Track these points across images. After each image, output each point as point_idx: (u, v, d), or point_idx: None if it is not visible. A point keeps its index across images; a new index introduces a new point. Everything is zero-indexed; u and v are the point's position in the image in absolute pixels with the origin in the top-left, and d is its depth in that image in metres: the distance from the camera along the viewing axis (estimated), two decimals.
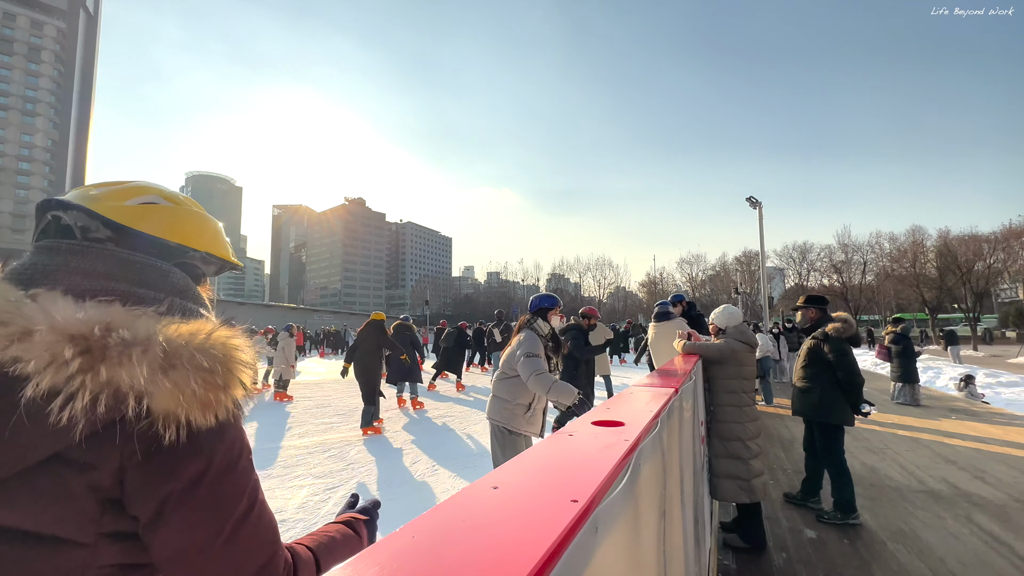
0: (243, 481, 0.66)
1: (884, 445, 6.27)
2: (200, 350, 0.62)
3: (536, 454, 0.77)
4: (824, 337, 3.98)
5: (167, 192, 0.81)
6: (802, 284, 62.09)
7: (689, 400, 2.01)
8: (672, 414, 1.40)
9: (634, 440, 0.85)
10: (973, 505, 4.18)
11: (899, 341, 10.03)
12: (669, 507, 1.19)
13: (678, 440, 1.55)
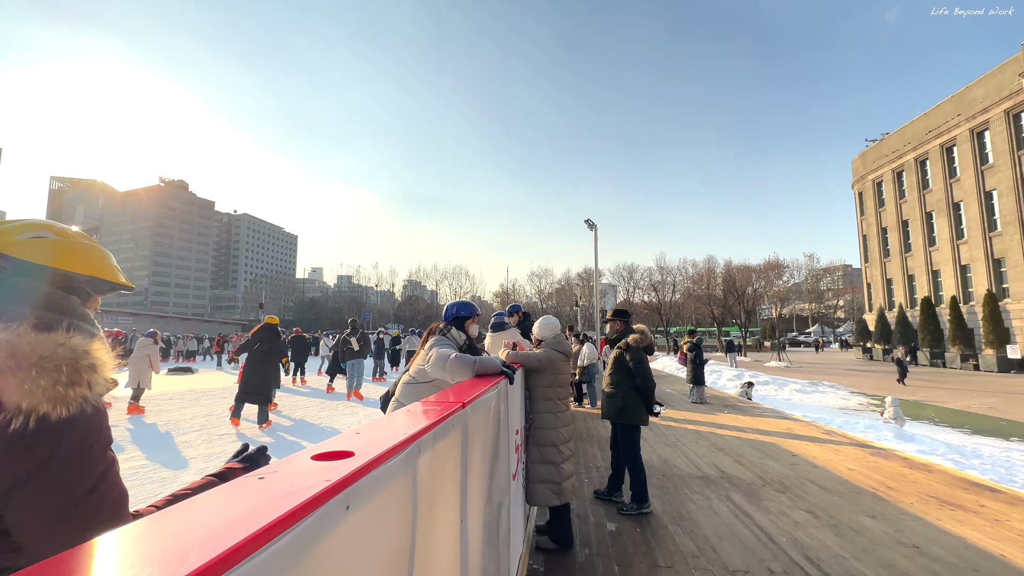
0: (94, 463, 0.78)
1: (676, 439, 7.37)
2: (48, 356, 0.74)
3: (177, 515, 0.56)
4: (626, 347, 4.47)
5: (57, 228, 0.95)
6: (629, 299, 71.61)
7: (486, 415, 1.97)
8: (448, 433, 1.31)
9: (347, 474, 0.70)
10: (731, 485, 5.09)
11: (693, 349, 12.06)
12: (425, 543, 1.07)
13: (460, 462, 1.46)
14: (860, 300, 59.94)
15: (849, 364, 33.79)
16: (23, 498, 0.70)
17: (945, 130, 31.43)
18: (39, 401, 0.70)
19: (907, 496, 4.69)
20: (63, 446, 0.73)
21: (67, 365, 0.74)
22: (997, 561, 3.36)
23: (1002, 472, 7.37)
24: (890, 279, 37.44)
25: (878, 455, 6.36)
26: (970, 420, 12.34)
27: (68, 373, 0.74)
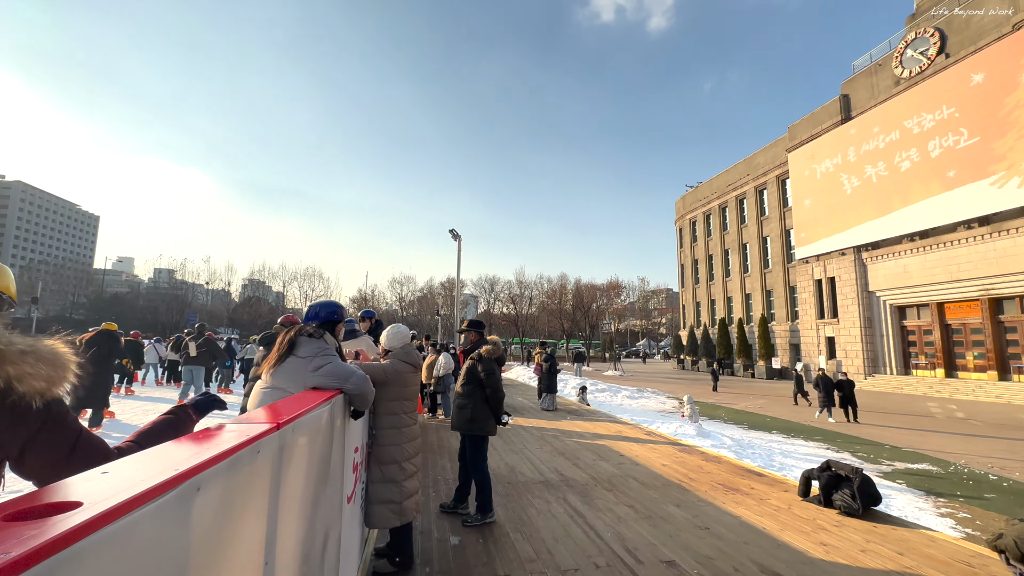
0: (73, 423, 1.16)
1: (523, 446, 7.70)
2: (46, 352, 1.10)
3: None
4: (479, 358, 4.52)
5: None
6: (489, 311, 73.92)
7: (314, 433, 1.76)
8: (252, 461, 1.10)
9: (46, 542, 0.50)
10: (569, 488, 5.48)
11: (549, 360, 12.85)
12: None
13: (269, 494, 1.25)
14: (678, 319, 71.03)
15: (668, 373, 39.70)
16: (36, 451, 1.09)
17: (739, 185, 39.43)
18: (47, 386, 1.09)
19: (703, 485, 5.59)
20: (53, 413, 1.12)
21: (57, 360, 1.12)
22: (760, 533, 4.17)
23: (766, 459, 9.31)
24: (699, 302, 45.21)
25: (684, 451, 7.50)
26: (748, 418, 15.36)
27: (59, 367, 1.11)
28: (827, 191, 29.15)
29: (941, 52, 23.30)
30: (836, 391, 14.94)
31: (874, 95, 26.89)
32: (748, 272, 38.41)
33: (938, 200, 22.77)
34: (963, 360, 23.20)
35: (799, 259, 31.63)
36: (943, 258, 22.99)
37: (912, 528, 4.34)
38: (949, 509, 6.90)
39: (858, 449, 10.89)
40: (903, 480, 8.36)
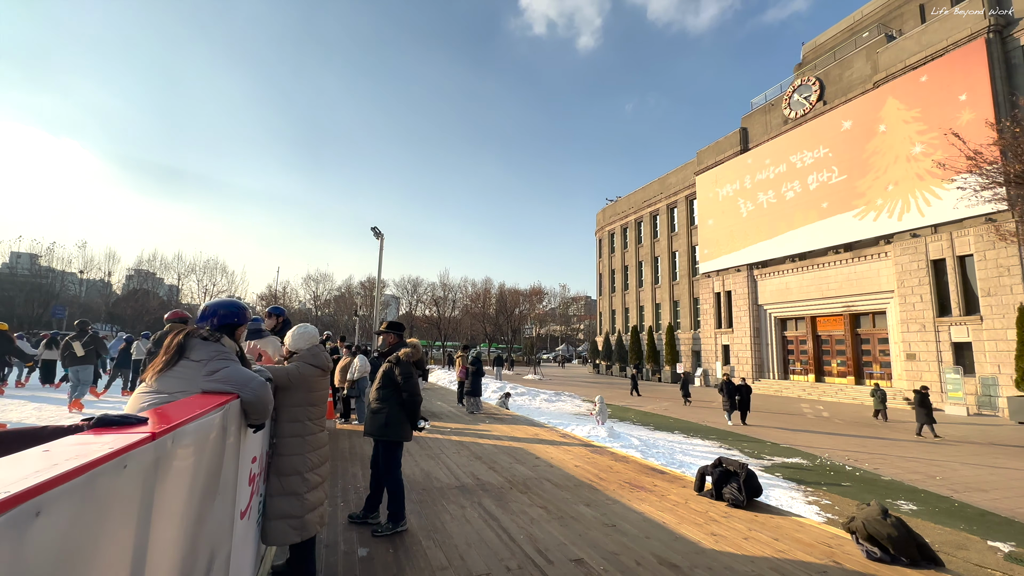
0: None
1: (440, 451, 7.58)
2: None
3: None
4: (396, 361, 4.38)
5: None
6: (411, 312, 72.22)
7: (201, 443, 1.58)
8: (116, 477, 0.95)
9: None
10: (484, 491, 5.47)
11: (475, 363, 12.79)
12: None
13: (139, 514, 1.09)
14: (595, 325, 74.45)
15: (584, 377, 41.36)
16: None
17: (654, 202, 42.39)
18: None
19: (612, 484, 5.88)
20: None
21: None
22: (660, 527, 4.47)
23: (668, 458, 10.02)
24: (614, 310, 47.77)
25: (596, 452, 7.85)
26: (654, 419, 16.43)
27: None
28: (727, 213, 32.28)
29: (820, 99, 26.88)
30: (737, 395, 15.78)
31: (767, 131, 30.32)
32: (659, 283, 41.29)
33: (814, 227, 26.16)
34: (829, 367, 26.78)
35: (702, 273, 34.63)
36: (816, 278, 26.42)
37: (786, 516, 4.90)
38: (815, 497, 7.88)
39: (745, 446, 12.09)
40: (780, 473, 9.42)
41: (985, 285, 19.17)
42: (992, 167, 10.97)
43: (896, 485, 8.60)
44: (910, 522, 6.47)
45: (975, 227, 19.32)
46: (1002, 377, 18.24)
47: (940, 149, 18.52)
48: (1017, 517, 6.82)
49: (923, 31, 22.16)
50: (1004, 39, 19.66)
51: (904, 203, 21.87)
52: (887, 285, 22.96)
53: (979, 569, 4.90)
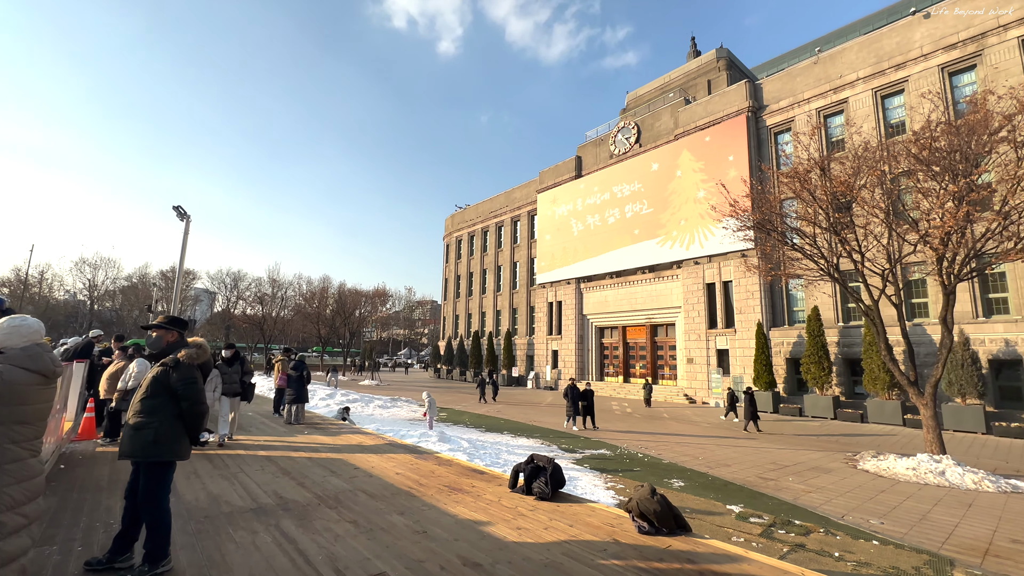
0: None
1: (240, 469, 6.58)
2: None
3: None
4: (175, 364, 3.64)
5: None
6: (230, 310, 62.58)
7: None
8: None
9: None
10: (286, 511, 4.89)
11: (298, 368, 11.45)
12: None
13: None
14: (439, 330, 74.67)
15: (425, 382, 40.96)
16: None
17: (500, 213, 44.55)
18: None
19: (430, 489, 5.82)
20: None
21: None
22: (471, 527, 4.55)
23: (494, 458, 10.43)
24: (458, 315, 48.59)
25: (421, 458, 7.72)
26: (486, 421, 17.03)
27: None
28: (562, 230, 35.64)
29: (637, 142, 31.64)
30: (581, 400, 15.71)
31: (597, 161, 34.47)
32: (500, 291, 43.37)
33: (628, 250, 30.53)
34: (634, 369, 31.40)
35: (538, 284, 37.50)
36: (628, 293, 30.83)
37: (583, 503, 5.47)
38: (613, 483, 9.03)
39: (563, 442, 13.31)
40: (588, 464, 10.58)
41: (739, 305, 24.74)
42: (744, 214, 14.26)
43: (673, 467, 10.36)
44: (678, 496, 7.83)
45: (734, 260, 24.85)
46: (746, 376, 23.66)
47: (714, 196, 23.34)
48: (746, 484, 8.80)
49: (708, 101, 27.82)
50: (757, 119, 25.86)
51: (691, 236, 26.99)
52: (677, 302, 27.96)
53: (719, 528, 6.14)
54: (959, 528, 6.65)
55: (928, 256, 11.58)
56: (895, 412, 18.07)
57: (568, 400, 15.62)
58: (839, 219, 12.62)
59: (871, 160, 12.24)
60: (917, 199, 11.85)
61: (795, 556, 5.21)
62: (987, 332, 17.77)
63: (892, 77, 21.45)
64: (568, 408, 15.62)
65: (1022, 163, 10.12)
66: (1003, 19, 18.74)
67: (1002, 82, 17.76)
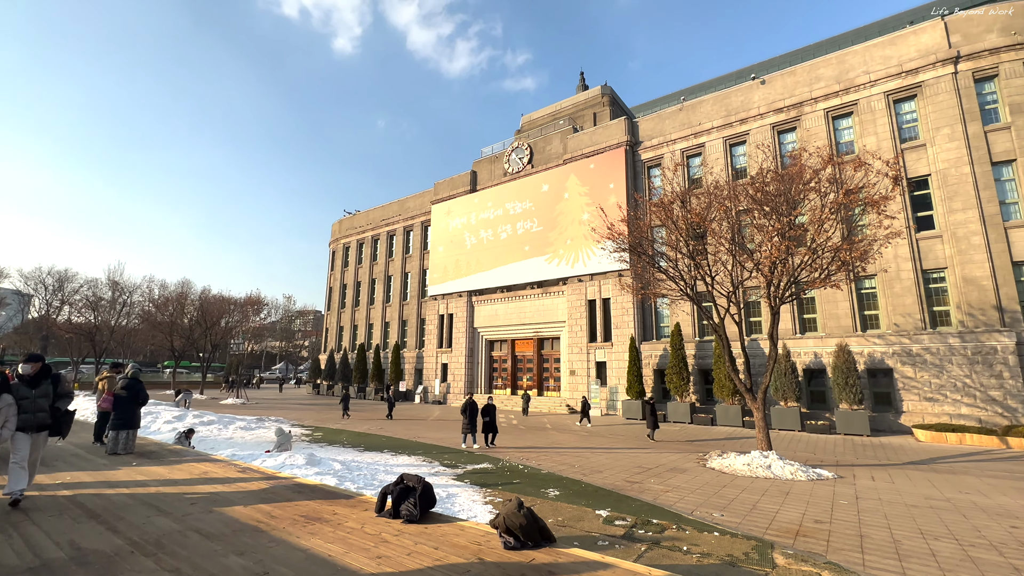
0: None
1: (25, 516, 5.22)
2: None
3: None
4: None
5: None
6: (49, 315, 51.52)
7: None
8: None
9: None
10: (80, 566, 3.95)
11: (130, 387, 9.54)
12: None
13: None
14: (320, 342, 69.37)
15: (302, 399, 37.54)
16: None
17: (392, 222, 43.13)
18: None
19: (284, 521, 5.18)
20: None
21: None
22: (324, 562, 4.10)
23: (368, 479, 9.76)
24: (342, 326, 45.62)
25: (280, 485, 6.90)
26: (366, 439, 16.01)
27: None
28: (456, 243, 35.59)
29: (530, 163, 33.03)
30: (482, 416, 14.84)
31: (491, 178, 35.22)
32: (390, 302, 41.76)
33: (519, 265, 31.48)
34: (521, 381, 32.20)
35: (430, 296, 36.85)
36: (517, 307, 31.69)
37: (453, 522, 5.29)
38: (491, 497, 8.98)
39: (446, 458, 13.00)
40: (469, 479, 10.42)
41: (615, 320, 26.80)
42: (620, 238, 15.57)
43: (551, 476, 10.65)
44: (552, 505, 8.02)
45: (612, 279, 26.95)
46: (621, 387, 25.59)
47: (596, 219, 25.20)
48: (615, 489, 9.35)
49: (594, 131, 30.14)
50: (634, 152, 28.63)
51: (576, 255, 28.71)
52: (562, 316, 29.42)
53: (587, 534, 6.38)
54: (779, 514, 7.75)
55: (760, 281, 13.67)
56: (737, 415, 20.87)
57: (465, 416, 14.60)
58: (695, 246, 14.35)
59: (720, 197, 14.18)
60: (753, 233, 13.96)
61: (651, 554, 5.59)
62: (802, 346, 21.48)
63: (737, 129, 25.29)
64: (464, 424, 14.58)
65: (825, 209, 12.49)
66: (815, 94, 23.25)
67: (813, 143, 21.93)
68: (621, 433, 18.84)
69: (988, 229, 18.66)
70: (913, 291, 19.70)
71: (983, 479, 11.03)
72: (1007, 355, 17.42)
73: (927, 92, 20.64)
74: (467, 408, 14.64)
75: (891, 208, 16.93)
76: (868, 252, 12.29)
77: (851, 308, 20.90)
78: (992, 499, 9.11)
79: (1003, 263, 18.32)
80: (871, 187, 12.81)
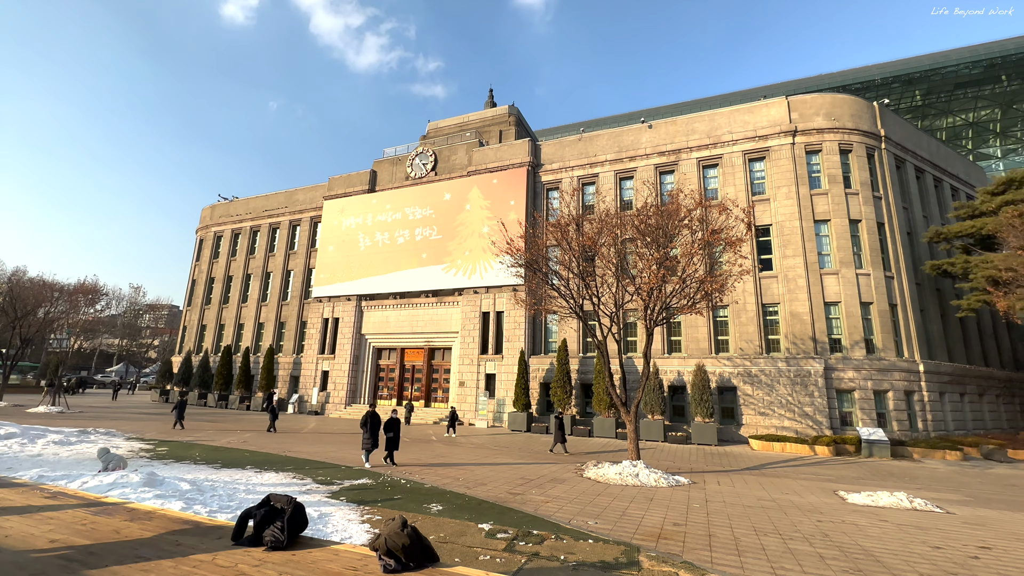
0: None
1: None
2: None
3: None
4: None
5: None
6: None
7: None
8: None
9: None
10: None
11: None
12: None
13: None
14: (174, 342, 60.09)
15: (144, 407, 31.98)
16: None
17: (277, 214, 39.39)
18: None
19: (107, 559, 4.29)
20: None
21: None
22: None
23: (225, 501, 8.58)
24: (205, 325, 40.15)
25: (104, 512, 5.73)
26: (225, 455, 14.13)
27: None
28: (348, 243, 33.62)
29: (433, 170, 32.68)
30: (385, 431, 13.47)
31: (392, 180, 34.11)
32: (266, 301, 37.88)
33: (415, 272, 30.73)
34: (408, 391, 31.21)
35: (314, 297, 34.19)
36: (410, 315, 30.82)
37: (326, 546, 4.84)
38: (370, 515, 8.44)
39: (320, 473, 11.98)
40: (346, 496, 9.70)
41: (508, 334, 27.40)
42: (518, 253, 16.05)
43: (435, 490, 10.37)
44: (435, 521, 7.80)
45: (507, 292, 27.59)
46: (508, 399, 26.09)
47: (496, 233, 25.68)
48: (498, 501, 9.41)
49: (499, 148, 30.89)
50: (536, 174, 29.89)
51: (473, 267, 28.89)
52: (455, 327, 29.26)
53: (468, 549, 6.29)
54: (644, 519, 8.44)
55: (639, 304, 15.03)
56: (611, 427, 22.50)
57: (366, 430, 13.22)
58: (585, 268, 15.33)
59: (610, 224, 15.38)
60: (635, 260, 15.35)
61: (530, 566, 5.69)
62: (669, 365, 24.00)
63: (627, 165, 27.80)
64: (365, 440, 13.16)
65: (694, 244, 14.21)
66: (690, 143, 26.54)
67: (688, 186, 24.92)
68: (506, 444, 19.15)
69: (809, 274, 22.80)
70: (755, 321, 23.22)
71: (798, 481, 13.23)
72: (817, 378, 21.31)
73: (772, 156, 24.78)
74: (367, 421, 13.32)
75: (744, 249, 19.85)
76: (725, 285, 14.22)
77: (708, 333, 23.93)
78: (804, 498, 10.95)
79: (818, 302, 22.49)
80: (730, 230, 14.91)
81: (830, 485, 12.72)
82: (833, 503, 10.50)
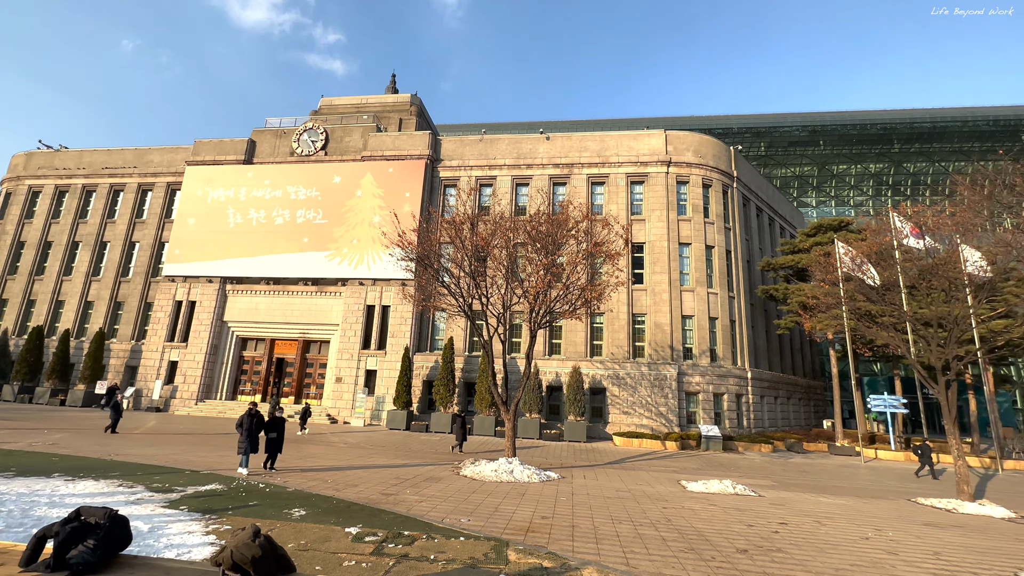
0: None
1: None
2: None
3: None
4: None
5: None
6: None
7: None
8: None
9: None
10: None
11: None
12: None
13: None
14: None
15: None
16: None
17: (121, 174, 33.21)
18: None
19: None
20: None
21: None
22: None
23: (18, 517, 6.97)
24: (6, 300, 32.28)
25: None
26: (26, 459, 11.49)
27: None
28: (214, 218, 29.63)
29: (323, 149, 30.35)
30: (265, 432, 12.00)
31: (274, 154, 30.92)
32: (99, 276, 31.73)
33: (293, 257, 28.20)
34: (273, 387, 28.47)
35: (166, 275, 29.52)
36: (284, 303, 28.18)
37: (152, 565, 4.15)
38: (216, 525, 7.49)
39: (156, 480, 10.34)
40: (187, 504, 8.49)
41: (393, 329, 26.50)
42: (409, 247, 15.62)
43: (298, 494, 9.58)
44: (296, 527, 7.20)
45: (395, 286, 26.68)
46: (389, 396, 25.23)
47: (388, 224, 24.73)
48: (369, 503, 9.02)
49: (398, 136, 29.82)
50: (434, 168, 29.42)
51: (361, 257, 27.43)
52: (336, 319, 27.47)
53: (332, 556, 5.92)
54: (515, 514, 8.76)
55: (525, 307, 15.60)
56: (491, 425, 23.00)
57: (242, 432, 11.46)
58: (477, 267, 15.48)
59: (503, 228, 15.73)
60: (525, 264, 15.92)
61: (398, 568, 5.54)
62: (548, 366, 25.30)
63: (524, 172, 28.74)
64: (241, 443, 11.39)
65: (579, 254, 15.18)
66: (582, 160, 28.36)
67: (577, 199, 26.57)
68: (383, 443, 18.49)
69: (672, 289, 25.80)
70: (626, 329, 25.57)
71: (650, 473, 14.85)
72: (672, 381, 24.18)
73: (650, 181, 27.57)
74: (243, 421, 11.54)
75: (621, 263, 21.76)
76: (603, 294, 15.42)
77: (586, 337, 25.76)
78: (654, 488, 12.31)
79: (677, 316, 25.54)
80: (611, 244, 16.23)
81: (675, 476, 14.50)
82: (676, 491, 11.98)
